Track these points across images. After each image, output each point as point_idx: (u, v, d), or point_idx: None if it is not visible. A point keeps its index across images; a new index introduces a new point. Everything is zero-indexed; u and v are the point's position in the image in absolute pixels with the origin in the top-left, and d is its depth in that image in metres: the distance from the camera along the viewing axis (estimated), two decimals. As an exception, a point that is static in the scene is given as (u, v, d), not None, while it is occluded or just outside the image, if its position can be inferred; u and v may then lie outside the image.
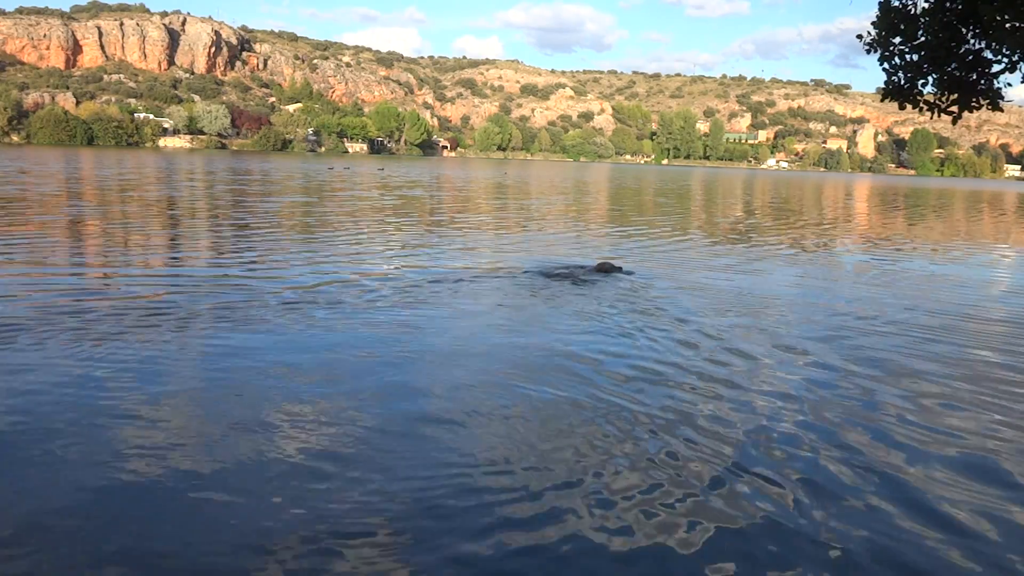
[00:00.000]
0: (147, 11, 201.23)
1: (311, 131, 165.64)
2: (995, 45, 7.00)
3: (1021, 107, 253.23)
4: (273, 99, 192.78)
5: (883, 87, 7.77)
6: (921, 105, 7.64)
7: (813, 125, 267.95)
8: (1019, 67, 7.01)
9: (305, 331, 8.93)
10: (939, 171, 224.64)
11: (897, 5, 7.34)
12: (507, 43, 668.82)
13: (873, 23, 7.48)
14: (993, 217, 42.37)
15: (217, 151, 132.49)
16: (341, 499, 4.82)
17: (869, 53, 7.52)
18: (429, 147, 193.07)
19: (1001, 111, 7.54)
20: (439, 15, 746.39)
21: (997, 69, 7.20)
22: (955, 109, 7.40)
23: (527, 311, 10.55)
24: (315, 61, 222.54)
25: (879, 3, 7.38)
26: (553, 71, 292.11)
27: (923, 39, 7.25)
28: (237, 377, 7.13)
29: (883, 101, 7.82)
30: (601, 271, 13.57)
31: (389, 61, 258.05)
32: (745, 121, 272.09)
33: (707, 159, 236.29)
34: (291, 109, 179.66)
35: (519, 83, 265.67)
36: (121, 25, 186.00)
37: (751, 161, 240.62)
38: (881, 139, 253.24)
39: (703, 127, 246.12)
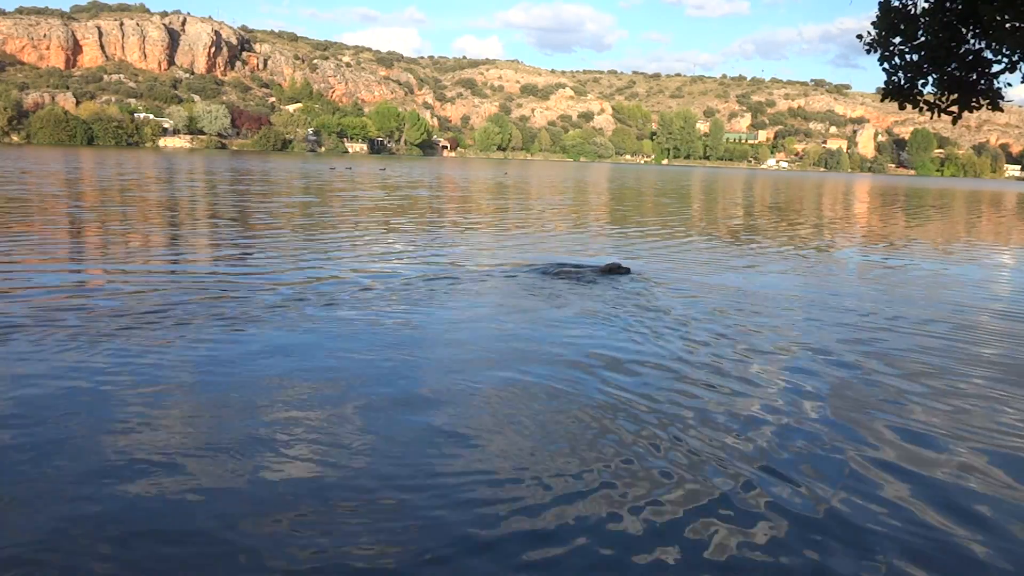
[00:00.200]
0: (147, 11, 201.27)
1: (311, 131, 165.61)
2: (995, 45, 6.99)
3: (1021, 107, 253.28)
4: (273, 99, 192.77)
5: (883, 87, 7.77)
6: (921, 105, 7.63)
7: (813, 125, 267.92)
8: (1019, 67, 7.01)
9: (307, 329, 8.93)
10: (939, 171, 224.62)
11: (897, 5, 7.33)
12: (507, 43, 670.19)
13: (873, 23, 7.47)
14: (994, 217, 42.35)
15: (217, 151, 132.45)
16: (341, 499, 4.82)
17: (869, 53, 7.51)
18: (429, 147, 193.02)
19: (1001, 111, 7.53)
20: (439, 15, 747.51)
21: (997, 69, 7.20)
22: (955, 109, 7.39)
23: (531, 310, 10.54)
24: (315, 61, 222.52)
25: (879, 3, 7.37)
26: (553, 71, 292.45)
27: (923, 39, 7.25)
28: (236, 376, 7.13)
29: (883, 101, 7.82)
30: (608, 272, 13.53)
31: (389, 61, 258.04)
32: (745, 121, 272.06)
33: (707, 159, 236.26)
34: (291, 109, 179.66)
35: (519, 83, 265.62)
36: (121, 25, 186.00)
37: (751, 161, 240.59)
38: (881, 139, 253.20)
39: (703, 127, 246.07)
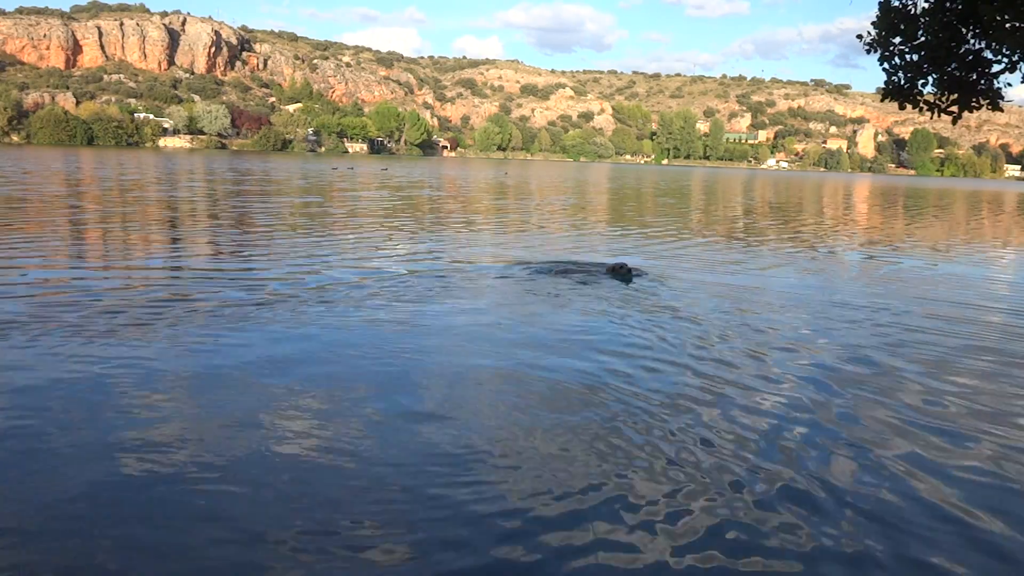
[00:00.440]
0: (147, 11, 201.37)
1: (311, 131, 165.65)
2: (995, 45, 6.99)
3: (1021, 107, 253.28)
4: (273, 99, 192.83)
5: (883, 87, 7.76)
6: (921, 105, 7.63)
7: (813, 125, 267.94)
8: (1019, 67, 7.00)
9: (310, 327, 8.93)
10: (939, 171, 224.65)
11: (897, 5, 7.33)
12: (507, 43, 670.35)
13: (873, 23, 7.47)
14: (995, 218, 42.35)
15: (217, 151, 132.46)
16: (341, 500, 4.82)
17: (869, 53, 7.51)
18: (429, 147, 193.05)
19: (1001, 111, 7.53)
20: (439, 15, 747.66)
21: (997, 69, 7.19)
22: (955, 109, 7.39)
23: (535, 309, 10.53)
24: (315, 61, 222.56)
25: (879, 3, 7.37)
26: (553, 71, 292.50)
27: (923, 39, 7.24)
28: (235, 374, 7.12)
29: (883, 101, 7.81)
30: (613, 273, 13.48)
31: (389, 61, 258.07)
32: (745, 121, 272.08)
33: (707, 159, 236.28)
34: (291, 109, 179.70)
35: (519, 83, 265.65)
36: (121, 25, 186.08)
37: (751, 161, 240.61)
38: (881, 139, 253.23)
39: (703, 127, 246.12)
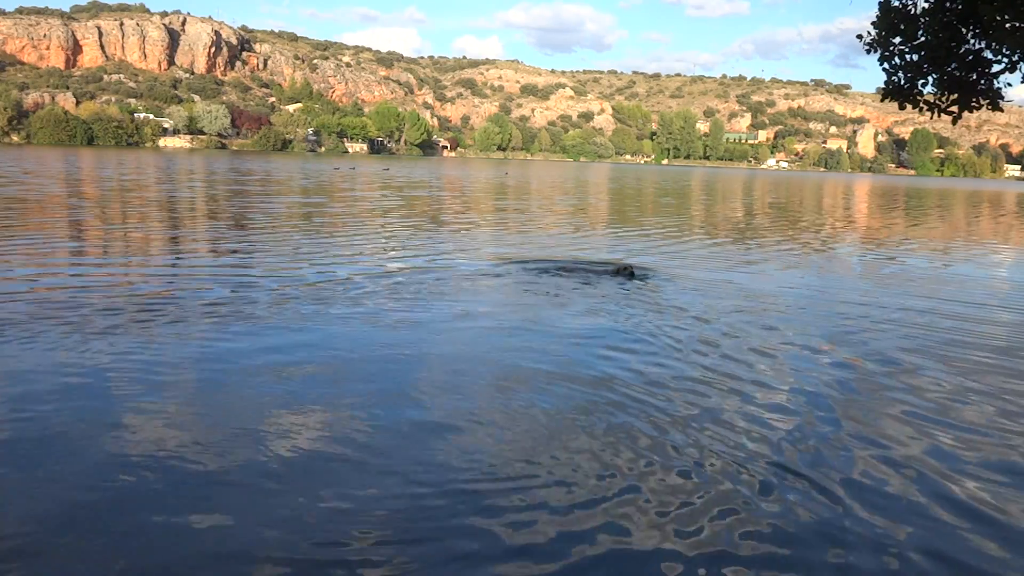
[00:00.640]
0: (147, 11, 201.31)
1: (311, 131, 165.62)
2: (995, 45, 7.00)
3: (1021, 107, 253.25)
4: (273, 99, 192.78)
5: (883, 87, 7.79)
6: (921, 105, 7.65)
7: (813, 125, 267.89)
8: (1019, 67, 7.02)
9: (311, 327, 8.93)
10: (939, 171, 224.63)
11: (897, 5, 7.34)
12: (507, 43, 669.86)
13: (873, 23, 7.48)
14: (997, 217, 42.35)
15: (217, 151, 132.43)
16: (341, 500, 4.81)
17: (869, 53, 7.53)
18: (429, 147, 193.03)
19: (1001, 111, 7.55)
20: (439, 15, 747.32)
21: (997, 69, 7.21)
22: (955, 109, 7.41)
23: (538, 309, 10.52)
24: (315, 61, 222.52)
25: (879, 3, 7.39)
26: (553, 71, 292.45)
27: (923, 39, 7.26)
28: (234, 372, 7.11)
29: (883, 101, 7.83)
30: (618, 274, 13.44)
31: (389, 61, 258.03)
32: (745, 121, 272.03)
33: (707, 159, 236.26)
34: (291, 109, 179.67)
35: (519, 83, 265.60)
36: (121, 25, 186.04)
37: (751, 161, 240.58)
38: (881, 139, 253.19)
39: (703, 127, 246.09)
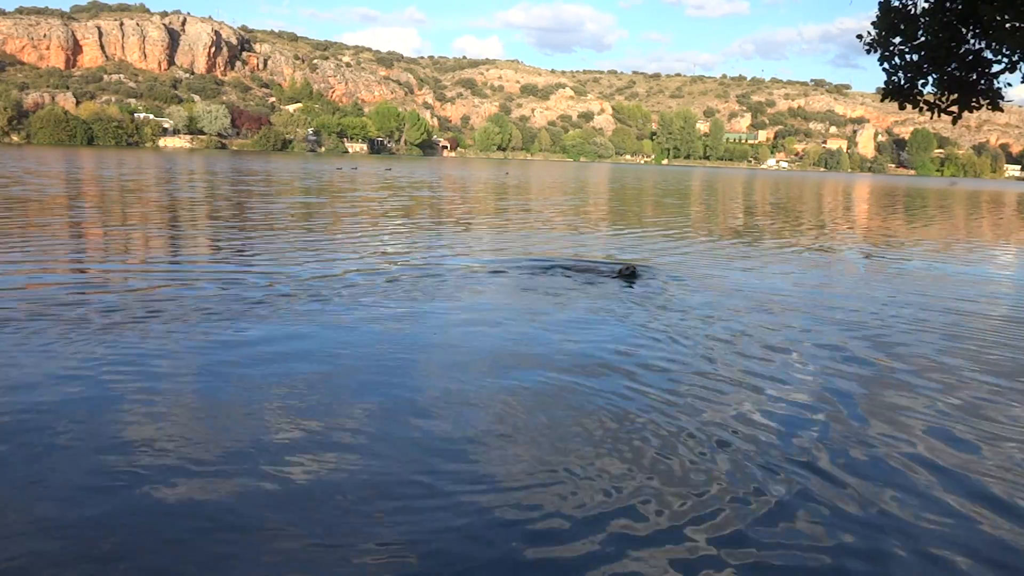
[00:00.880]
0: (147, 11, 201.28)
1: (311, 131, 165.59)
2: (995, 45, 7.01)
3: (1021, 107, 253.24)
4: (273, 99, 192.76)
5: (883, 87, 7.78)
6: (921, 105, 7.65)
7: (813, 125, 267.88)
8: (1019, 67, 7.02)
9: (311, 326, 8.93)
10: (939, 171, 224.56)
11: (897, 5, 7.35)
12: (507, 43, 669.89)
13: (873, 23, 7.48)
14: (997, 217, 42.37)
15: (217, 151, 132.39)
16: (340, 500, 4.81)
17: (869, 53, 7.53)
18: (429, 147, 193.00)
19: (1001, 111, 7.55)
20: (439, 15, 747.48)
21: (997, 69, 7.21)
22: (955, 109, 7.41)
23: (540, 309, 10.53)
24: (315, 61, 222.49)
25: (879, 3, 7.39)
26: (553, 71, 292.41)
27: (923, 39, 7.26)
28: (233, 372, 7.11)
29: (883, 101, 7.83)
30: (623, 276, 13.34)
31: (389, 61, 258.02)
32: (745, 121, 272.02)
33: (707, 159, 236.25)
34: (291, 109, 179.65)
35: (519, 83, 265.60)
36: (121, 25, 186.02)
37: (751, 161, 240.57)
38: (881, 139, 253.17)
39: (703, 127, 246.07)
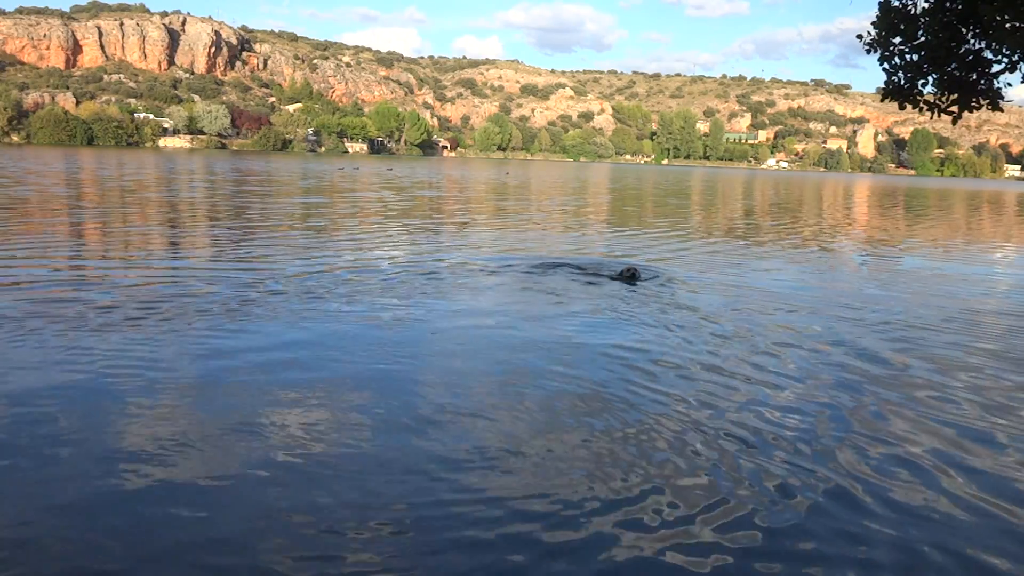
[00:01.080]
0: (147, 11, 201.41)
1: (311, 131, 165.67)
2: (995, 45, 7.00)
3: (1021, 107, 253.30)
4: (273, 99, 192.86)
5: (883, 87, 7.77)
6: (921, 105, 7.64)
7: (813, 125, 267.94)
8: (1019, 67, 7.01)
9: (322, 323, 8.93)
10: (939, 171, 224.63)
11: (897, 5, 7.34)
12: (507, 43, 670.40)
13: (873, 23, 7.48)
14: (998, 217, 42.38)
15: (217, 151, 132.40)
16: (339, 500, 4.79)
17: (869, 53, 7.52)
18: (429, 147, 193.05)
19: (1001, 111, 7.54)
20: (439, 15, 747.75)
21: (997, 69, 7.21)
22: (955, 109, 7.40)
23: (542, 308, 10.52)
24: (315, 61, 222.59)
25: (879, 3, 7.38)
26: (553, 71, 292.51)
27: (923, 39, 7.26)
28: (232, 371, 7.09)
29: (883, 101, 7.82)
30: (624, 277, 13.24)
31: (389, 61, 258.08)
32: (745, 121, 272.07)
33: (707, 159, 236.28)
34: (291, 109, 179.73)
35: (519, 83, 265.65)
36: (121, 25, 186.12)
37: (751, 161, 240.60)
38: (881, 139, 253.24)
39: (703, 127, 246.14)
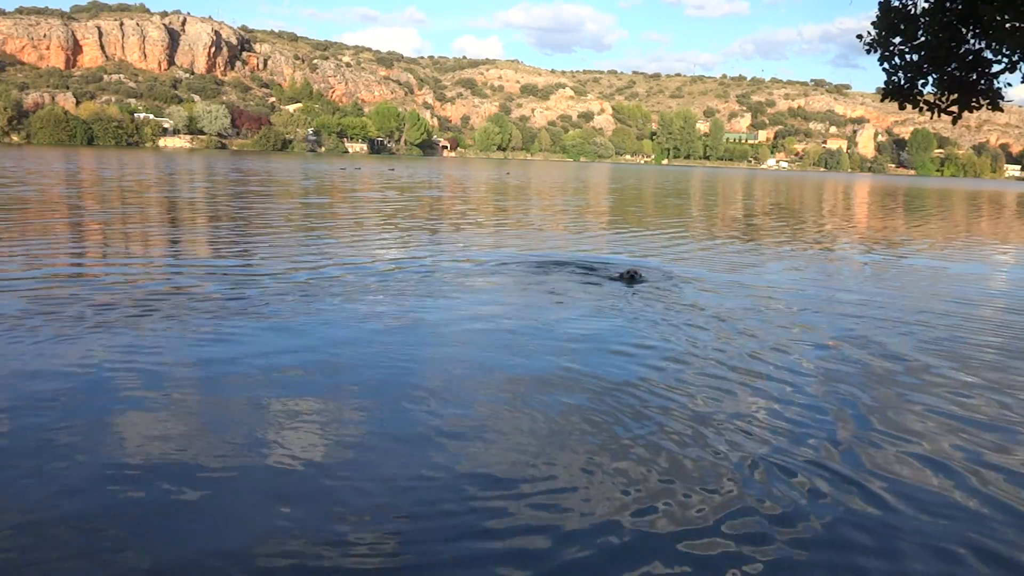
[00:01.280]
0: (147, 11, 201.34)
1: (311, 131, 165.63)
2: (995, 45, 7.00)
3: (1021, 107, 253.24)
4: (273, 99, 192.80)
5: (883, 87, 7.77)
6: (921, 105, 7.64)
7: (813, 125, 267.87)
8: (1019, 67, 7.01)
9: (324, 323, 8.97)
10: (939, 171, 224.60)
11: (897, 5, 7.34)
12: (507, 43, 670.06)
13: (873, 23, 7.47)
14: (998, 217, 42.37)
15: (217, 151, 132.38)
16: (339, 501, 4.80)
17: (869, 53, 7.52)
18: (429, 147, 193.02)
19: (1001, 111, 7.54)
20: (439, 15, 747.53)
21: (997, 69, 7.20)
22: (955, 109, 7.40)
23: (543, 308, 10.55)
24: (315, 61, 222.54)
25: (879, 3, 7.37)
26: (553, 71, 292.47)
27: (923, 39, 7.25)
28: (231, 370, 7.10)
29: (883, 101, 7.82)
30: (621, 278, 13.23)
31: (389, 61, 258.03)
32: (745, 121, 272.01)
33: (707, 159, 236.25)
34: (291, 109, 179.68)
35: (519, 83, 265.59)
36: (121, 25, 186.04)
37: (751, 161, 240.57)
38: (881, 139, 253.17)
39: (703, 127, 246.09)
